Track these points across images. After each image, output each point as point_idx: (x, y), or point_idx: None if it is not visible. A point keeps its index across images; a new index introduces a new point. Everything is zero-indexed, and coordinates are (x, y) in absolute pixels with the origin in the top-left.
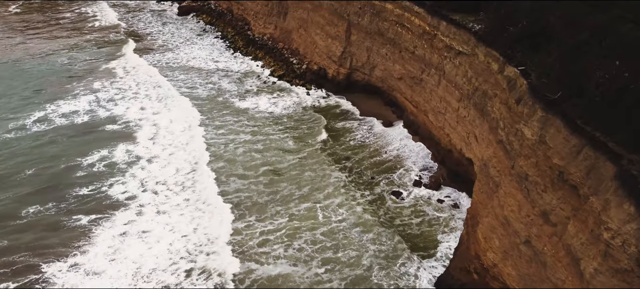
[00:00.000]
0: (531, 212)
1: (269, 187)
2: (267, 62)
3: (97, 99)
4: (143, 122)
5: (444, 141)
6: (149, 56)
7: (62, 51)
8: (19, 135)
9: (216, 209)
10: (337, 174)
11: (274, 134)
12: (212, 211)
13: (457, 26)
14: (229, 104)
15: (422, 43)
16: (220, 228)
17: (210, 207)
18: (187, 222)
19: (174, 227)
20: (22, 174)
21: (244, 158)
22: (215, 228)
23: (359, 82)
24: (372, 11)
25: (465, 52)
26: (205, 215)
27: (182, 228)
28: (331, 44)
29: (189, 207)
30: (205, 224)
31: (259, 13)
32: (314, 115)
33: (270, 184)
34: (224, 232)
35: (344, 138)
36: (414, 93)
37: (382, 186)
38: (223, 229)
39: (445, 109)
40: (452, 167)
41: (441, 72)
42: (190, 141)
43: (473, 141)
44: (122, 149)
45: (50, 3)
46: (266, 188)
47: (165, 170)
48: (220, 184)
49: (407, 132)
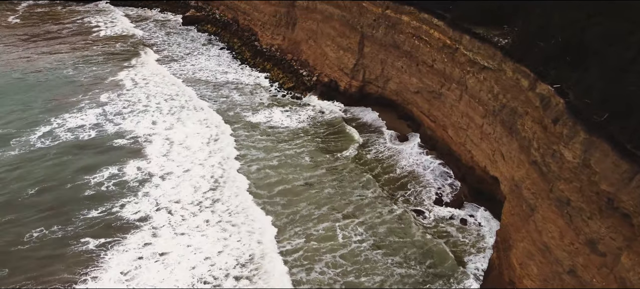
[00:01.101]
0: (575, 241)
1: (287, 207)
2: (276, 74)
3: (105, 112)
4: (154, 137)
5: (465, 157)
6: (156, 67)
7: (66, 62)
8: (22, 152)
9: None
10: (357, 192)
11: (289, 149)
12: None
13: (481, 40)
14: (241, 118)
15: (442, 56)
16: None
17: (236, 228)
18: (210, 244)
19: (197, 249)
20: (25, 195)
21: (257, 175)
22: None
23: (372, 95)
24: (387, 23)
25: (491, 67)
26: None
27: (205, 249)
28: (343, 55)
29: (211, 228)
30: (233, 246)
31: (266, 24)
32: (329, 129)
33: (288, 205)
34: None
35: (361, 153)
36: (432, 107)
37: (402, 204)
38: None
39: (467, 125)
40: (474, 185)
41: (463, 87)
42: (208, 157)
43: (499, 158)
44: (132, 167)
45: (51, 13)
46: (284, 209)
47: (181, 188)
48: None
49: (424, 146)
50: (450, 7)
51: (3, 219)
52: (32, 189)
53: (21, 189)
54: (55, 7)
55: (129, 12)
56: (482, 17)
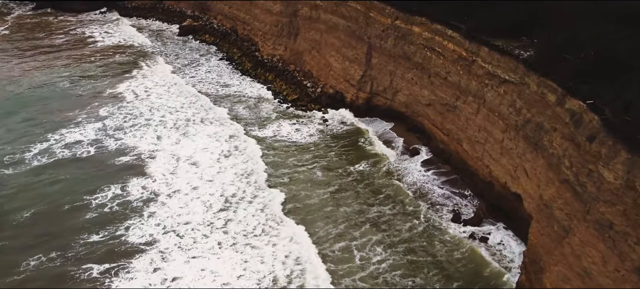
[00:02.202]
0: (621, 267)
1: (302, 228)
2: (279, 85)
3: (104, 127)
4: (159, 153)
5: (482, 172)
6: (157, 78)
7: (62, 74)
8: (17, 171)
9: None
10: (374, 208)
11: (299, 165)
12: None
13: (501, 53)
14: (248, 133)
15: (457, 69)
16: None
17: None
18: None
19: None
20: (20, 218)
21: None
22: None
23: (380, 107)
24: (397, 34)
25: (513, 81)
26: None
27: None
28: (349, 66)
29: (227, 251)
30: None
31: (267, 34)
32: (338, 142)
33: (302, 225)
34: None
35: (374, 167)
36: (445, 120)
37: (420, 221)
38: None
39: (485, 139)
40: (493, 201)
41: (481, 100)
42: (216, 176)
43: (522, 175)
44: (136, 185)
45: (42, 24)
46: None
47: (190, 208)
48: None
49: (437, 160)
50: (465, 18)
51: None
52: (27, 211)
53: (15, 211)
54: (47, 17)
55: (124, 22)
56: (499, 28)
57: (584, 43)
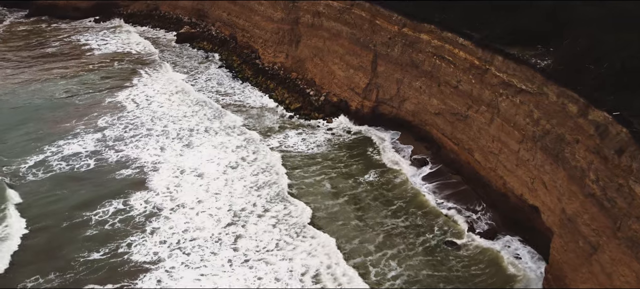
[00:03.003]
0: None
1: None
2: (281, 93)
3: (104, 137)
4: (162, 165)
5: (496, 183)
6: (157, 86)
7: (58, 83)
8: (12, 184)
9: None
10: (386, 221)
11: (307, 177)
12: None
13: (517, 61)
14: (254, 143)
15: (469, 77)
16: None
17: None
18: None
19: None
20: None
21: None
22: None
23: (386, 116)
24: (404, 42)
25: (530, 91)
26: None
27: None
28: (354, 74)
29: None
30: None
31: (268, 41)
32: (346, 152)
33: (317, 238)
34: None
35: (383, 177)
36: (456, 130)
37: (433, 234)
38: None
39: (499, 150)
40: (507, 214)
41: (495, 110)
42: (222, 188)
43: (540, 187)
44: (138, 200)
45: (35, 32)
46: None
47: (196, 223)
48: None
49: (448, 170)
50: (477, 26)
51: None
52: (24, 229)
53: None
54: (40, 25)
55: (119, 29)
56: (513, 36)
57: (607, 53)
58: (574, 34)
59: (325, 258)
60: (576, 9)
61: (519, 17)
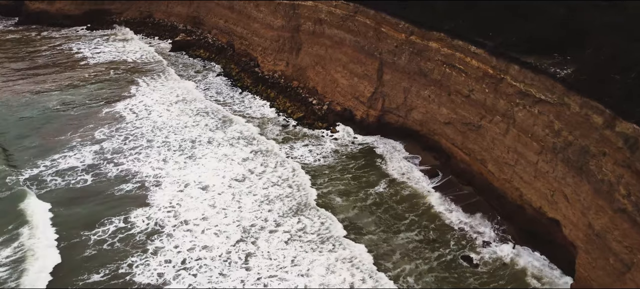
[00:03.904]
0: None
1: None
2: (282, 102)
3: (102, 150)
4: (164, 179)
5: (511, 195)
6: (156, 96)
7: (52, 94)
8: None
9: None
10: (400, 235)
11: (316, 188)
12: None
13: (535, 71)
14: (259, 154)
15: (482, 87)
16: None
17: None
18: None
19: None
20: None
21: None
22: None
23: (392, 125)
24: (412, 50)
25: (550, 101)
26: None
27: None
28: (358, 83)
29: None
30: None
31: (267, 49)
32: (355, 163)
33: (332, 254)
34: None
35: (393, 188)
36: (467, 140)
37: (449, 248)
38: None
39: (515, 161)
40: (524, 226)
41: (510, 120)
42: (230, 203)
43: (561, 200)
44: (140, 217)
45: (24, 40)
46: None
47: (203, 241)
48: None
49: (458, 181)
50: (490, 34)
51: None
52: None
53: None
54: (30, 33)
55: (112, 38)
56: (529, 44)
57: (633, 62)
58: (596, 43)
59: (348, 275)
60: (594, 15)
61: (533, 25)
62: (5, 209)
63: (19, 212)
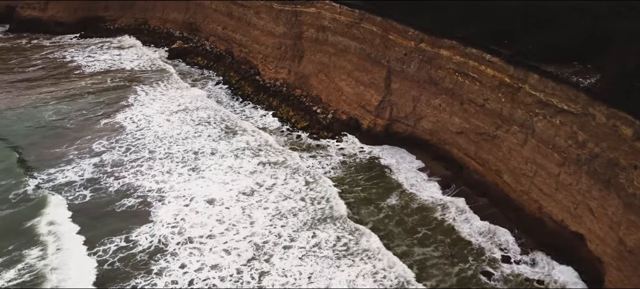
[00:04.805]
0: None
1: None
2: (285, 111)
3: (102, 163)
4: (168, 193)
5: (530, 207)
6: (156, 105)
7: (48, 104)
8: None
9: None
10: (416, 250)
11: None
12: None
13: (556, 80)
14: (268, 166)
15: (498, 96)
16: None
17: None
18: None
19: None
20: (2, 280)
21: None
22: None
23: (400, 134)
24: (422, 58)
25: (573, 111)
26: None
27: None
28: (364, 91)
29: None
30: None
31: (268, 56)
32: (364, 175)
33: (351, 272)
34: None
35: (405, 201)
36: (481, 150)
37: (469, 262)
38: None
39: (533, 172)
40: (543, 239)
41: (529, 131)
42: (240, 218)
43: (585, 213)
44: (143, 235)
45: (15, 49)
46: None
47: (212, 259)
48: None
49: (470, 192)
50: (505, 42)
51: None
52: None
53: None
54: (21, 41)
55: (107, 45)
56: (547, 53)
57: None
58: (621, 51)
59: None
60: (615, 23)
61: (551, 33)
62: (4, 226)
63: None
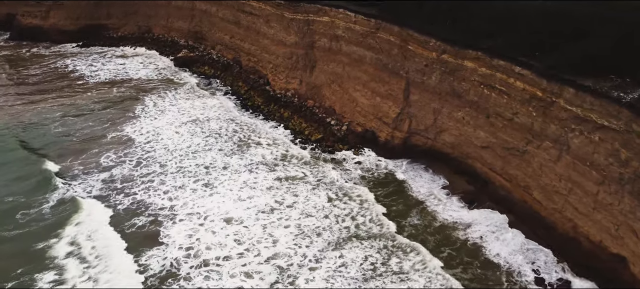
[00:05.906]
0: None
1: None
2: (298, 123)
3: (111, 178)
4: (181, 210)
5: (563, 226)
6: (164, 116)
7: (54, 115)
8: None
9: None
10: (443, 274)
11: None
12: None
13: (595, 95)
14: (285, 181)
15: (528, 110)
16: None
17: None
18: None
19: None
20: None
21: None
22: None
23: (419, 147)
24: (444, 69)
25: (614, 128)
26: None
27: None
28: (381, 103)
29: None
30: None
31: (279, 66)
32: (383, 190)
33: None
34: None
35: (427, 219)
36: (508, 165)
37: (504, 286)
38: None
39: (568, 190)
40: (579, 260)
41: (564, 147)
42: (260, 238)
43: (628, 235)
44: (154, 258)
45: (14, 58)
46: None
47: (230, 285)
48: None
49: (495, 208)
50: (536, 54)
51: None
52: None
53: None
54: (19, 50)
55: (110, 54)
56: (581, 65)
57: None
58: None
59: None
60: None
61: (584, 45)
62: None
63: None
